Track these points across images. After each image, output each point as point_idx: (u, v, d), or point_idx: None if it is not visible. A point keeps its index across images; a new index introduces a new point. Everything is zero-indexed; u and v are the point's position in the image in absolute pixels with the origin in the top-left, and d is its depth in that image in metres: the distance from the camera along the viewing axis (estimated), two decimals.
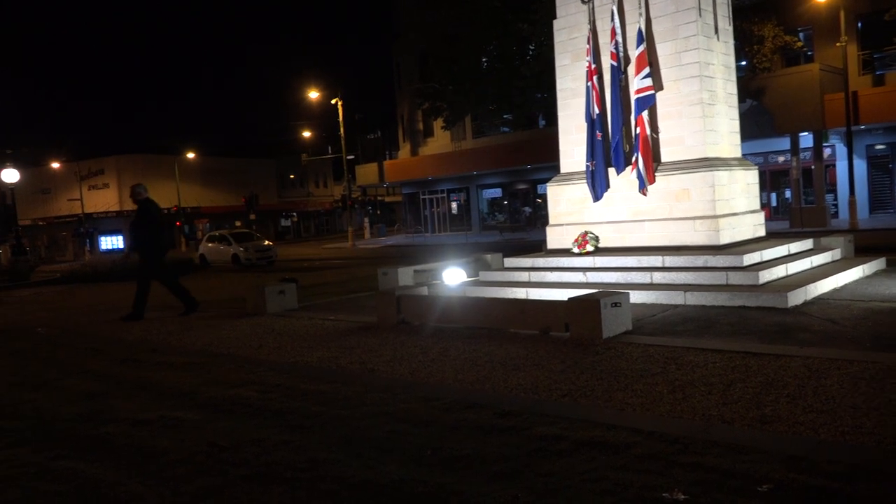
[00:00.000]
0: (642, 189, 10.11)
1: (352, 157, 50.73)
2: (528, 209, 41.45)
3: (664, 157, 10.28)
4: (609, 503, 3.20)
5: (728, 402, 4.52)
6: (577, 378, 5.44)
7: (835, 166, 28.63)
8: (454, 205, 45.66)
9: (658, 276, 9.31)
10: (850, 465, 3.41)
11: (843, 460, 3.47)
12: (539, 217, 37.02)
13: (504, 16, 26.56)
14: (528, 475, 3.59)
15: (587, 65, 10.57)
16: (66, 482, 4.03)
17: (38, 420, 5.51)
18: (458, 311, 8.28)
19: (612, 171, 10.52)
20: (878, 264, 10.57)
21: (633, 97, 10.07)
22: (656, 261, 9.65)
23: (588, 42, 10.62)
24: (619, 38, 10.29)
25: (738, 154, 11.07)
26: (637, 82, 9.96)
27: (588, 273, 9.97)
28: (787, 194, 29.67)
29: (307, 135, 61.98)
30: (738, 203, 10.35)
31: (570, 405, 4.79)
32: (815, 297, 8.41)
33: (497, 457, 3.88)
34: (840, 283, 9.26)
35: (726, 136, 10.62)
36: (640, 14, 10.17)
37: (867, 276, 9.98)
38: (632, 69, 10.19)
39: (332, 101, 43.23)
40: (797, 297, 8.08)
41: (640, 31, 10.02)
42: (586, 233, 10.66)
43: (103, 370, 7.37)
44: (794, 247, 10.51)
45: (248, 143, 76.19)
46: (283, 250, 37.20)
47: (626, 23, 10.41)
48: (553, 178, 11.67)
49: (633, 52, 10.12)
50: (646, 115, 9.94)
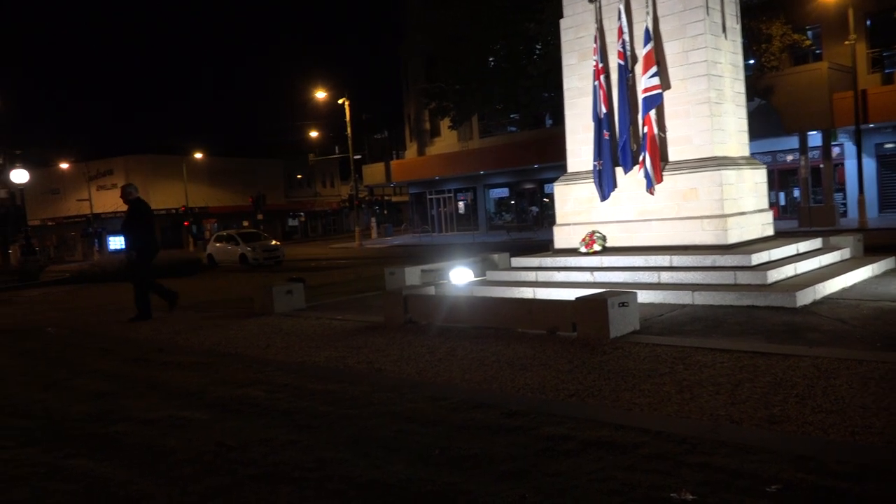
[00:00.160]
0: (650, 188, 10.10)
1: (359, 156, 50.76)
2: (535, 209, 41.41)
3: (672, 157, 10.26)
4: (617, 503, 3.19)
5: (736, 402, 4.51)
6: (585, 378, 5.44)
7: (843, 165, 28.48)
8: (461, 204, 45.66)
9: (666, 276, 9.28)
10: (859, 465, 3.39)
11: (853, 461, 3.45)
12: (546, 217, 36.99)
13: (511, 15, 26.53)
14: (535, 475, 3.59)
15: (594, 64, 10.55)
16: (76, 481, 4.05)
17: (48, 419, 5.54)
18: (466, 310, 8.28)
19: (619, 170, 10.51)
20: (887, 263, 10.51)
21: (641, 96, 10.05)
22: (664, 260, 9.63)
23: (595, 41, 10.61)
24: (627, 37, 10.27)
25: (747, 153, 11.03)
26: (644, 81, 9.95)
27: (595, 273, 9.96)
28: (796, 193, 29.55)
29: (314, 135, 62.15)
30: (746, 202, 10.32)
31: (578, 405, 4.78)
32: (824, 297, 8.37)
33: (504, 456, 3.88)
34: (849, 283, 9.21)
35: (734, 135, 10.58)
36: (648, 13, 10.15)
37: (877, 276, 9.93)
38: (639, 68, 10.18)
39: (339, 101, 43.30)
40: (806, 297, 8.05)
41: (647, 29, 10.00)
42: (593, 232, 10.65)
43: (112, 370, 7.41)
44: (803, 246, 10.47)
45: (255, 143, 76.43)
46: (291, 250, 37.27)
47: (634, 22, 10.38)
48: (560, 178, 11.66)
49: (641, 51, 10.10)
50: (653, 114, 9.93)
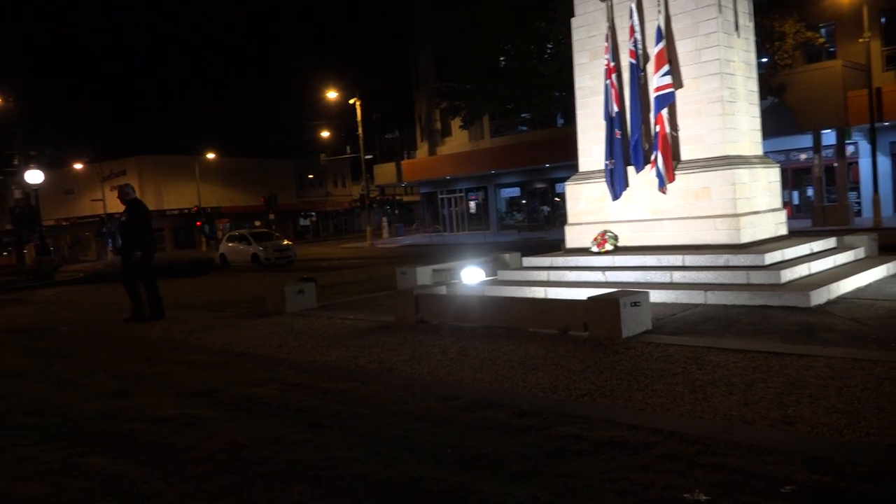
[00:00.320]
0: (662, 187, 10.05)
1: (370, 156, 50.83)
2: (546, 208, 41.33)
3: (684, 156, 10.21)
4: (629, 503, 3.18)
5: (750, 403, 4.48)
6: (597, 378, 5.42)
7: (858, 164, 28.24)
8: (472, 204, 45.64)
9: (678, 276, 9.24)
10: (874, 466, 3.36)
11: (868, 462, 3.42)
12: (557, 216, 36.89)
13: (522, 14, 26.47)
14: (547, 475, 3.58)
15: (606, 63, 10.52)
16: (90, 479, 4.08)
17: (63, 417, 5.58)
18: (477, 310, 8.28)
19: (631, 169, 10.47)
20: None
21: (653, 95, 10.01)
22: (676, 260, 9.59)
23: (606, 40, 10.57)
24: (638, 36, 10.23)
25: (760, 152, 10.96)
26: (656, 80, 9.90)
27: (607, 272, 9.92)
28: (810, 192, 29.33)
29: (326, 135, 62.27)
30: (759, 201, 10.25)
31: (590, 405, 4.77)
32: (838, 297, 8.30)
33: (516, 456, 3.87)
34: (864, 283, 9.14)
35: (747, 134, 10.52)
36: (660, 11, 10.10)
37: (892, 275, 9.84)
38: (651, 67, 10.13)
39: (351, 102, 43.40)
40: (820, 297, 7.99)
41: (659, 28, 9.96)
42: (605, 232, 10.61)
43: (126, 368, 7.46)
44: (817, 245, 10.39)
45: (267, 143, 76.79)
46: (302, 250, 37.38)
47: (645, 20, 10.34)
48: (571, 177, 11.63)
49: (653, 50, 10.06)
50: (665, 112, 9.88)
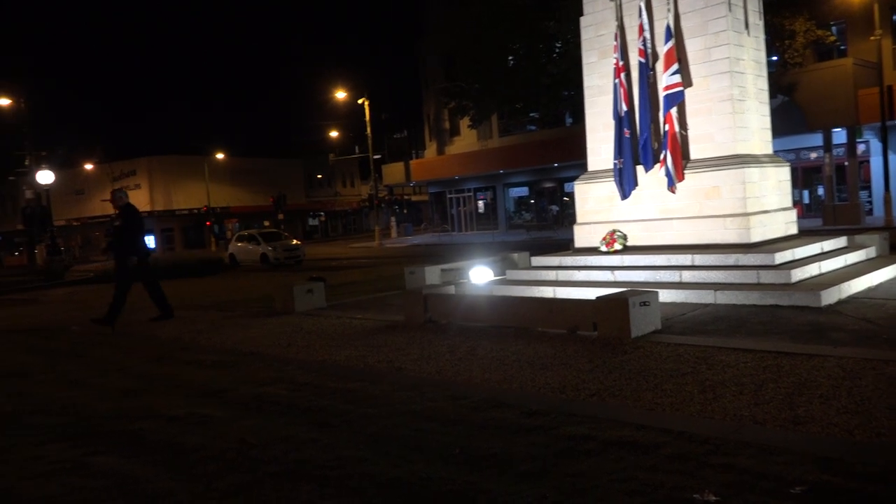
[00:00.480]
0: (671, 187, 10.02)
1: (378, 156, 50.93)
2: (555, 208, 41.26)
3: (693, 155, 10.17)
4: None
5: (760, 403, 4.46)
6: (606, 377, 5.41)
7: (869, 162, 28.05)
8: (481, 204, 45.62)
9: (687, 275, 9.21)
10: (885, 467, 3.34)
11: (879, 462, 3.40)
12: (566, 216, 36.83)
13: (530, 13, 26.42)
14: (555, 475, 3.58)
15: (614, 62, 10.49)
16: (102, 477, 4.11)
17: (74, 416, 5.62)
18: (486, 309, 8.27)
19: (640, 168, 10.44)
20: None
21: (662, 94, 9.97)
22: (686, 259, 9.55)
23: (615, 39, 10.54)
24: (647, 35, 10.19)
25: (770, 150, 10.91)
26: (665, 79, 9.87)
27: (616, 272, 9.90)
28: (820, 191, 29.15)
29: (334, 135, 62.40)
30: (769, 200, 10.20)
31: (599, 405, 4.76)
32: (849, 296, 8.25)
33: (525, 456, 3.87)
34: (875, 282, 9.08)
35: (757, 133, 10.47)
36: (669, 10, 10.06)
37: None
38: (660, 66, 10.10)
39: (359, 101, 43.45)
40: (831, 296, 7.94)
41: (668, 27, 9.92)
42: (614, 231, 10.59)
43: (136, 368, 7.50)
44: (828, 245, 10.33)
45: (276, 143, 77.00)
46: (311, 249, 37.45)
47: (654, 19, 10.30)
48: (580, 177, 11.61)
49: (662, 49, 10.02)
50: (674, 111, 9.84)
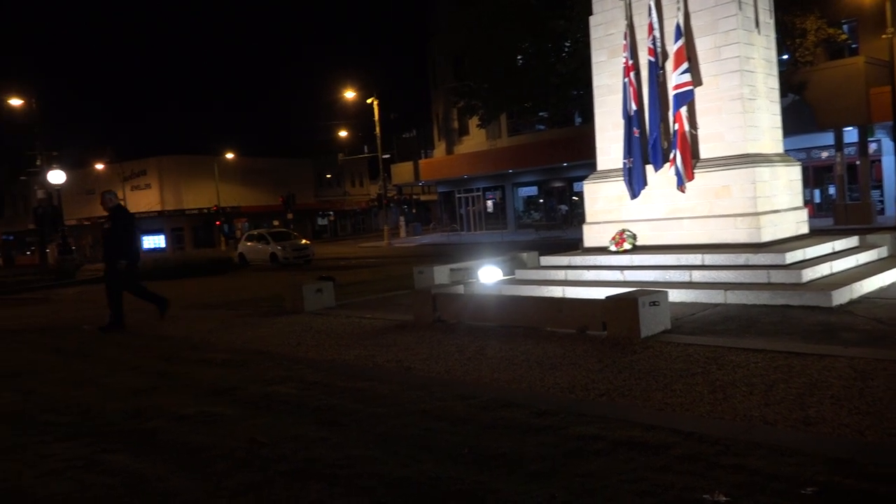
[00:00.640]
0: (681, 186, 9.98)
1: (387, 156, 50.94)
2: (564, 207, 41.19)
3: (703, 154, 10.13)
4: None
5: (770, 403, 4.44)
6: (615, 377, 5.40)
7: (881, 161, 27.87)
8: (490, 203, 45.60)
9: (697, 275, 9.17)
10: None
11: (891, 463, 3.38)
12: (575, 215, 36.75)
13: (539, 13, 26.38)
14: (565, 475, 3.58)
15: (624, 61, 10.46)
16: (113, 475, 4.13)
17: (85, 415, 5.65)
18: (495, 309, 8.27)
19: (649, 168, 10.40)
20: None
21: (672, 93, 9.93)
22: (695, 259, 9.52)
23: (625, 38, 10.51)
24: (657, 34, 10.16)
25: (780, 150, 10.85)
26: (675, 78, 9.83)
27: (625, 271, 9.88)
28: (831, 190, 28.99)
29: (343, 134, 62.54)
30: (780, 200, 10.15)
31: (608, 405, 4.75)
32: (860, 296, 8.20)
33: (534, 456, 3.87)
34: (887, 282, 9.02)
35: (767, 132, 10.42)
36: (679, 8, 10.02)
37: None
38: (670, 65, 10.06)
39: (368, 101, 43.51)
40: (842, 296, 7.90)
41: (678, 25, 9.88)
42: (623, 231, 10.56)
43: (147, 367, 7.54)
44: (839, 244, 10.27)
45: (285, 143, 77.13)
46: (320, 249, 37.54)
47: (664, 18, 10.27)
48: (590, 176, 11.58)
49: (671, 48, 9.98)
50: (684, 110, 9.80)
